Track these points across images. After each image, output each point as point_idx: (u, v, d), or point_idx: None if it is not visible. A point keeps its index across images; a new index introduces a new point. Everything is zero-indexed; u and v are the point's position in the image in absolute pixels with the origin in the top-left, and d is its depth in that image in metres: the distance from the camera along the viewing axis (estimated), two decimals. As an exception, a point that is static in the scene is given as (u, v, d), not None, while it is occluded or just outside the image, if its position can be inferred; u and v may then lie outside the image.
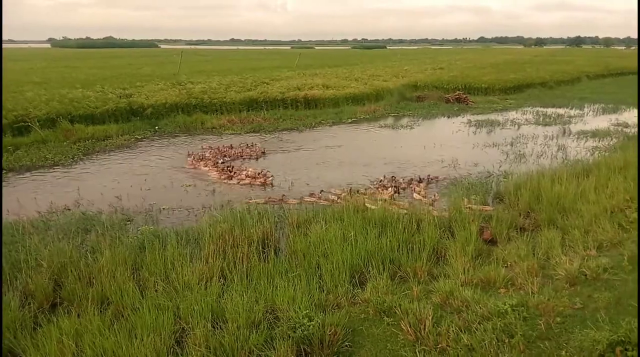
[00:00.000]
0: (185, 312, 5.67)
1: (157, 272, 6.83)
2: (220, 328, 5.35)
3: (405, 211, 9.42)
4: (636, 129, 20.06)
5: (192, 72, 39.60)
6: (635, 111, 25.97)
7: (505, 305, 5.38)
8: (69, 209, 10.67)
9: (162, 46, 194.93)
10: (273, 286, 6.24)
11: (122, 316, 5.73)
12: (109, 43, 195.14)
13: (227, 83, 30.32)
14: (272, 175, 13.53)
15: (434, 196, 11.60)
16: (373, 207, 9.43)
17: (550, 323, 5.08)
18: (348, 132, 20.91)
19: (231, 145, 17.43)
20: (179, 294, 6.19)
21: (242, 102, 25.02)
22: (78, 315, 5.70)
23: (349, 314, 5.77)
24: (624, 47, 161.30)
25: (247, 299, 5.84)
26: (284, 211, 10.06)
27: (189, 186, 12.74)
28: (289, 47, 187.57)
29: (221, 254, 7.37)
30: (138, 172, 14.31)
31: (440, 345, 4.90)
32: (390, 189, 11.95)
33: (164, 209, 10.76)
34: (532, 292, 5.91)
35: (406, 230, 8.32)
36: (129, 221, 9.96)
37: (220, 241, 7.67)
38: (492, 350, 4.61)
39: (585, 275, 6.32)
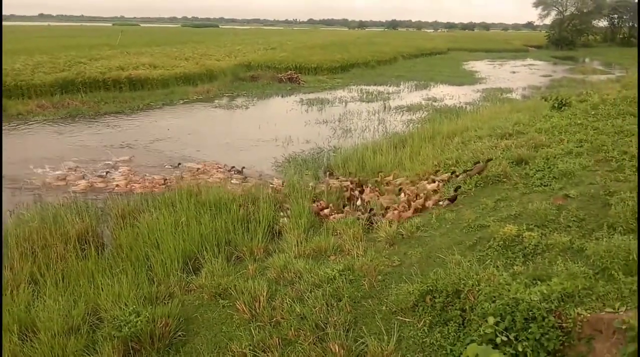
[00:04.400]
0: (-17, 330, 4.84)
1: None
2: (31, 340, 4.70)
3: (241, 191, 9.36)
4: (443, 103, 22.88)
5: (-12, 50, 33.65)
6: (442, 87, 29.64)
7: (333, 271, 5.68)
8: None
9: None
10: (95, 285, 5.68)
11: None
12: None
13: (35, 63, 26.46)
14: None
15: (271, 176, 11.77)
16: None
17: (373, 282, 5.50)
18: (180, 114, 20.01)
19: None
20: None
21: (53, 84, 22.14)
22: None
23: (182, 302, 5.54)
24: (432, 30, 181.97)
25: (63, 304, 5.23)
26: (108, 202, 9.21)
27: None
28: (110, 24, 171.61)
29: (30, 257, 6.45)
30: None
31: (275, 319, 4.98)
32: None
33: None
34: (357, 255, 6.35)
35: (242, 210, 8.28)
36: None
37: (28, 242, 6.71)
38: (322, 315, 4.83)
39: (402, 235, 6.99)
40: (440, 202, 7.90)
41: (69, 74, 23.64)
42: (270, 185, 10.23)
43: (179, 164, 12.29)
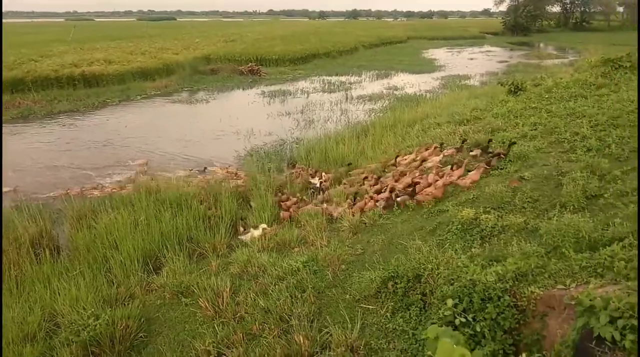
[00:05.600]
0: None
1: None
2: (-18, 352, 4.50)
3: (204, 186, 9.21)
4: (404, 91, 23.10)
5: None
6: (403, 75, 29.92)
7: (297, 263, 5.68)
8: None
9: None
10: (51, 290, 5.48)
11: None
12: None
13: (-20, 62, 25.19)
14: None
15: (233, 168, 11.61)
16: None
17: (336, 272, 5.53)
18: (138, 111, 19.49)
19: None
20: None
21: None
22: None
23: (143, 303, 5.42)
24: (392, 19, 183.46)
25: (18, 311, 5.03)
26: (64, 204, 8.90)
27: None
28: (62, 20, 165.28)
29: (-20, 265, 6.17)
30: None
31: (239, 314, 4.94)
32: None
33: None
34: (321, 246, 6.36)
35: (204, 206, 8.15)
36: None
37: (-23, 250, 6.42)
38: (286, 308, 4.82)
39: (365, 223, 7.05)
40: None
41: (18, 72, 22.62)
42: (233, 179, 10.10)
43: (205, 168, 11.69)
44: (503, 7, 78.67)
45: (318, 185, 9.68)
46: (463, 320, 3.68)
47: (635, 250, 3.75)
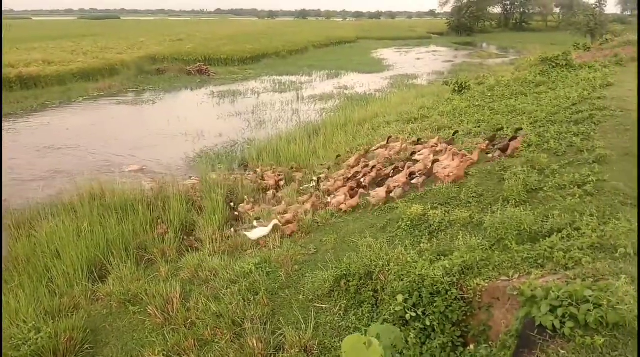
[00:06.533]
0: None
1: None
2: None
3: (150, 190, 8.94)
4: (354, 91, 23.34)
5: None
6: (353, 75, 30.23)
7: (249, 265, 5.61)
8: None
9: None
10: (-14, 305, 5.15)
11: None
12: None
13: None
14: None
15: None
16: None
17: (289, 272, 5.51)
18: (80, 113, 18.68)
19: None
20: None
21: None
22: None
23: (88, 313, 5.20)
24: (341, 19, 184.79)
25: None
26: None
27: None
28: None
29: None
30: None
31: (190, 320, 4.83)
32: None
33: None
34: (274, 247, 6.32)
35: (152, 210, 7.92)
36: None
37: None
38: (239, 311, 4.75)
39: (318, 223, 7.06)
40: (489, 154, 7.31)
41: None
42: (182, 182, 9.87)
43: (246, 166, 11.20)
44: (448, 8, 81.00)
45: (316, 180, 9.15)
46: (413, 315, 3.76)
47: (574, 240, 3.95)
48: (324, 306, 4.71)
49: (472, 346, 3.53)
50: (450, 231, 5.07)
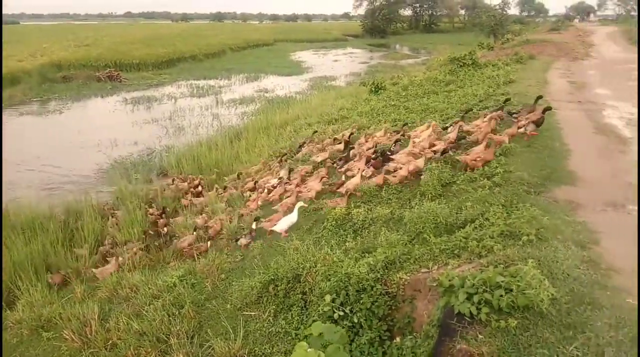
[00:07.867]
0: None
1: None
2: None
3: (61, 206, 8.35)
4: (274, 94, 23.29)
5: None
6: (272, 77, 30.17)
7: (173, 278, 5.40)
8: None
9: None
10: None
11: None
12: None
13: None
14: None
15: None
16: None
17: (216, 282, 5.37)
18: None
19: None
20: None
21: None
22: None
23: (-6, 345, 4.74)
24: (257, 22, 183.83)
25: None
26: None
27: None
28: None
29: None
30: None
31: (110, 341, 4.56)
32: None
33: None
34: (198, 257, 6.13)
35: (63, 228, 7.39)
36: None
37: None
38: (163, 327, 4.55)
39: (243, 229, 6.95)
40: (520, 129, 6.94)
41: None
42: (94, 196, 9.31)
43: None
44: (361, 11, 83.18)
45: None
46: (341, 313, 3.80)
47: (485, 229, 4.20)
48: (253, 313, 4.64)
49: (398, 339, 3.63)
50: (374, 228, 5.20)
